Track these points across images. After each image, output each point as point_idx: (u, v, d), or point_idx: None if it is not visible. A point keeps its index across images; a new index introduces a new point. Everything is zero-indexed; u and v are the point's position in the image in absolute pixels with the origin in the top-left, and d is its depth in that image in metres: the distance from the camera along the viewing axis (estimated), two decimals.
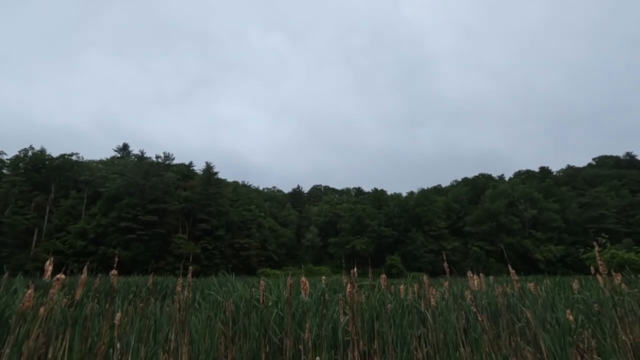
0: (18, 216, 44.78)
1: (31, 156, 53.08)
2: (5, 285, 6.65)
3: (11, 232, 43.16)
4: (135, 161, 58.56)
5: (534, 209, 61.66)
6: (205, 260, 48.97)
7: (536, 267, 52.12)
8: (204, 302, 6.63)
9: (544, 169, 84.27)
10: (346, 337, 4.15)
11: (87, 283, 4.17)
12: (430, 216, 64.72)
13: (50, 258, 3.28)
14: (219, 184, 61.17)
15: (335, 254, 63.02)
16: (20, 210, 46.06)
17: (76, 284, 4.07)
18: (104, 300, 6.37)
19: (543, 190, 66.91)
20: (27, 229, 45.28)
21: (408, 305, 5.62)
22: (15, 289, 7.17)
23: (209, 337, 4.46)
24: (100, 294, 6.62)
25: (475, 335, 4.05)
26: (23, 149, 53.22)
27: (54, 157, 54.51)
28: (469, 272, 4.00)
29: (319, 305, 5.66)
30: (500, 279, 10.15)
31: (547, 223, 60.93)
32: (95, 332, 4.35)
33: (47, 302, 3.69)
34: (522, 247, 57.03)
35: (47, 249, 42.06)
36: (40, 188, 50.54)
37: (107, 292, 7.60)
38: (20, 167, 52.14)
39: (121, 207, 47.84)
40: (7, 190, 45.50)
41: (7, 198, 45.24)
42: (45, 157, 53.85)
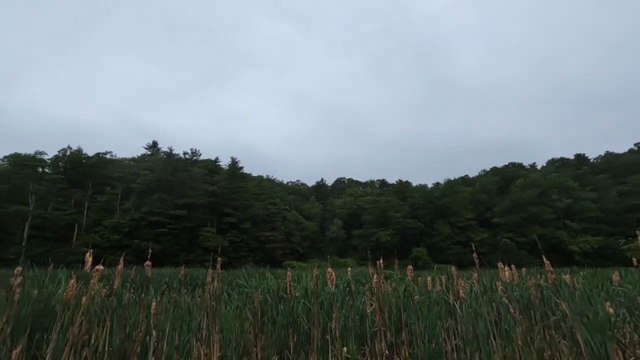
0: (59, 212, 47.59)
1: (69, 155, 56.06)
2: (50, 277, 7.12)
3: (53, 228, 46.01)
4: (164, 158, 60.62)
5: (568, 198, 58.78)
6: (233, 253, 50.23)
7: (571, 258, 49.86)
8: (233, 292, 6.82)
9: (579, 156, 79.86)
10: (373, 328, 4.16)
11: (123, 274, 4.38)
12: (456, 207, 63.18)
13: (89, 250, 3.48)
14: (244, 178, 62.35)
15: (360, 246, 62.92)
16: (60, 206, 48.91)
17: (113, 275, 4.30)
18: (139, 291, 6.68)
19: (578, 179, 63.52)
20: (68, 224, 48.05)
21: (435, 297, 5.54)
22: (59, 280, 7.65)
23: (238, 326, 4.58)
24: (136, 285, 6.95)
25: (506, 327, 3.95)
26: (62, 149, 56.28)
27: (89, 156, 57.35)
28: (499, 264, 3.88)
29: (344, 297, 5.69)
30: (532, 270, 9.80)
31: (582, 213, 57.95)
32: (132, 320, 4.57)
33: (88, 292, 3.92)
34: (556, 239, 54.65)
35: (86, 242, 44.50)
36: (78, 185, 53.38)
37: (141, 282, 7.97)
38: (60, 165, 55.21)
39: (152, 202, 49.78)
40: (49, 189, 48.40)
41: (49, 196, 48.14)
42: (82, 156, 56.73)
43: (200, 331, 4.17)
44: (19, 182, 46.21)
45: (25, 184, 46.53)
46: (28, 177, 47.53)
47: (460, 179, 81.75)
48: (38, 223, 44.97)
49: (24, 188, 46.24)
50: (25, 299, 5.25)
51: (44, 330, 4.70)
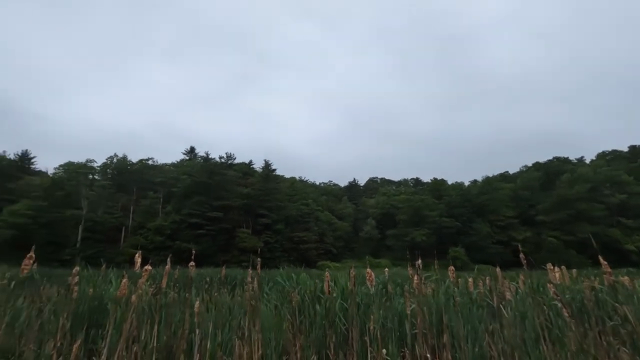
0: (108, 216, 50.99)
1: (116, 162, 59.93)
2: (102, 276, 7.63)
3: (103, 230, 49.35)
4: (201, 162, 63.09)
5: (622, 193, 54.30)
6: (267, 253, 51.20)
7: (627, 258, 46.07)
8: (271, 292, 6.95)
9: (634, 148, 73.53)
10: (413, 330, 4.07)
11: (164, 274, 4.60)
12: (496, 205, 60.36)
13: (138, 252, 3.69)
14: (277, 180, 63.43)
15: (394, 246, 61.86)
16: (109, 210, 52.37)
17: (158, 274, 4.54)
18: (182, 290, 6.99)
19: (633, 172, 58.49)
20: (116, 227, 51.31)
21: (477, 299, 5.33)
22: (110, 279, 8.17)
23: (277, 325, 4.66)
24: (179, 284, 7.27)
25: (558, 332, 3.71)
26: (109, 157, 60.40)
27: (134, 162, 60.99)
28: (549, 264, 3.65)
29: (381, 297, 5.61)
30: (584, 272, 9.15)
31: (639, 209, 53.33)
32: (177, 319, 4.78)
33: (137, 290, 4.16)
34: (608, 237, 50.63)
35: (132, 244, 47.25)
36: (124, 190, 56.89)
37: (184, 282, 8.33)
38: (108, 172, 59.16)
39: (191, 205, 51.94)
40: (99, 194, 52.01)
41: (100, 200, 51.70)
42: (127, 163, 60.51)
43: (240, 330, 4.29)
44: (73, 189, 50.04)
45: (79, 190, 50.27)
46: (81, 183, 51.35)
47: (500, 175, 78.01)
48: (90, 226, 48.42)
49: (78, 194, 49.97)
50: (82, 297, 5.66)
51: (98, 326, 5.01)
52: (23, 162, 60.76)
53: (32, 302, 5.82)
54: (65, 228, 47.16)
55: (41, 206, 45.93)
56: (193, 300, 4.94)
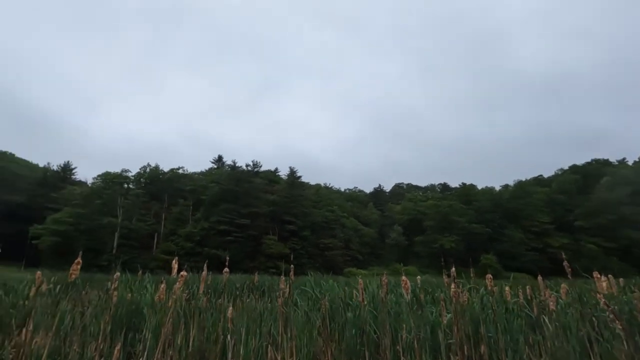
0: (141, 223, 53.13)
1: (149, 172, 62.52)
2: (139, 281, 7.95)
3: (137, 237, 51.44)
4: (228, 170, 64.66)
5: None
6: (294, 260, 51.15)
7: None
8: (299, 299, 6.96)
9: None
10: (448, 340, 3.94)
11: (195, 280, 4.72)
12: (530, 210, 57.71)
13: (175, 258, 3.82)
14: (302, 187, 63.86)
15: (422, 253, 60.42)
16: (143, 218, 54.57)
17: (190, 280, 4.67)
18: (213, 295, 7.14)
19: None
20: (149, 234, 53.35)
21: (514, 309, 5.10)
22: (146, 285, 8.49)
23: (308, 332, 4.65)
24: (211, 290, 7.44)
25: (607, 345, 3.48)
26: (142, 166, 63.05)
27: (165, 172, 63.39)
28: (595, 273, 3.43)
29: (413, 305, 5.49)
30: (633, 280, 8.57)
31: None
32: (209, 324, 4.88)
33: (173, 295, 4.29)
34: None
35: (164, 250, 48.91)
36: (156, 198, 59.16)
37: (215, 288, 8.50)
38: (141, 181, 61.79)
39: (219, 212, 53.20)
40: (133, 202, 54.37)
41: (134, 208, 54.02)
42: (159, 172, 62.97)
43: (271, 336, 4.32)
44: (109, 197, 52.60)
45: (115, 199, 52.78)
46: (117, 192, 53.92)
47: (533, 179, 74.66)
48: (125, 233, 50.60)
49: (114, 202, 52.47)
50: (121, 301, 5.91)
51: (135, 330, 5.19)
52: (65, 173, 64.63)
53: (75, 306, 6.13)
54: (103, 235, 49.55)
55: (81, 214, 48.57)
56: (225, 305, 5.04)
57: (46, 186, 56.55)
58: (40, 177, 59.85)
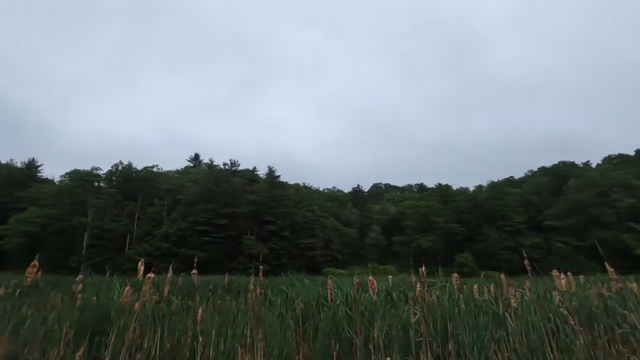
0: (114, 223, 51.35)
1: (121, 170, 60.45)
2: (106, 284, 7.67)
3: (110, 238, 49.69)
4: (206, 169, 63.50)
5: (631, 198, 53.39)
6: (274, 260, 51.07)
7: (638, 264, 45.13)
8: (275, 299, 6.91)
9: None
10: (418, 338, 4.01)
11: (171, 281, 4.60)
12: (504, 210, 59.65)
13: (141, 259, 3.69)
14: (282, 187, 63.50)
15: (401, 253, 61.33)
16: (115, 218, 52.74)
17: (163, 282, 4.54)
18: (186, 298, 6.98)
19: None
20: (122, 235, 51.63)
21: (483, 307, 5.25)
22: (114, 287, 8.20)
23: (281, 333, 4.62)
24: (183, 292, 7.27)
25: (566, 340, 3.63)
26: (114, 164, 60.84)
27: (139, 170, 61.46)
28: (554, 271, 3.59)
29: (386, 305, 5.55)
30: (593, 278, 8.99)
31: None
32: (180, 327, 4.77)
33: (140, 298, 4.16)
34: (620, 242, 49.72)
35: (138, 251, 47.48)
36: (129, 197, 57.30)
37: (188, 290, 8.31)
38: (113, 180, 59.67)
39: (197, 212, 52.15)
40: (105, 202, 52.46)
41: (106, 208, 52.14)
42: (132, 170, 60.96)
43: (244, 338, 4.26)
44: (79, 197, 50.55)
45: (85, 198, 50.78)
46: (87, 191, 51.89)
47: (505, 180, 77.23)
48: (97, 233, 48.78)
49: (84, 202, 50.47)
50: (86, 304, 5.68)
51: (102, 334, 5.01)
52: (30, 170, 61.65)
53: (36, 310, 5.85)
54: (73, 236, 47.58)
55: (50, 214, 46.46)
56: (196, 307, 4.93)
57: (10, 184, 53.74)
58: (4, 174, 56.80)
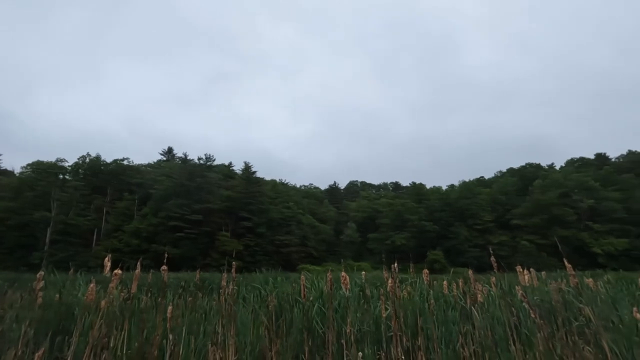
0: (81, 218, 49.08)
1: (89, 162, 57.79)
2: (71, 281, 7.34)
3: (76, 233, 47.47)
4: (180, 164, 61.79)
5: (590, 199, 56.80)
6: (248, 257, 50.58)
7: (595, 261, 48.11)
8: (249, 296, 6.85)
9: (600, 156, 77.31)
10: (389, 333, 4.10)
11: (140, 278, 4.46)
12: (474, 209, 61.91)
13: (107, 255, 3.56)
14: (259, 183, 62.84)
15: (375, 250, 62.34)
16: (82, 212, 50.42)
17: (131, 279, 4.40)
18: (156, 295, 6.80)
19: (601, 179, 61.35)
20: (89, 230, 49.47)
21: (452, 302, 5.43)
22: (80, 284, 7.86)
23: (254, 330, 4.60)
24: (154, 289, 7.08)
25: (527, 333, 3.82)
26: (81, 156, 58.08)
27: (108, 163, 58.98)
28: (518, 267, 3.76)
29: (359, 300, 5.63)
30: (553, 274, 9.50)
31: (606, 214, 55.84)
32: (150, 324, 4.64)
33: (107, 296, 4.01)
34: (579, 241, 52.84)
35: (107, 247, 45.67)
36: (98, 191, 54.93)
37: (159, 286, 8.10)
38: (80, 172, 56.97)
39: (169, 208, 50.73)
40: (70, 195, 50.01)
41: (71, 202, 49.72)
42: (100, 163, 58.42)
43: (216, 335, 4.21)
44: (42, 189, 47.91)
45: (49, 191, 48.20)
46: (51, 184, 49.26)
47: (476, 180, 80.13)
48: (61, 229, 46.47)
49: (48, 195, 47.91)
50: (48, 303, 5.42)
51: (65, 334, 4.81)
52: None
53: None
54: (34, 230, 45.10)
55: (9, 207, 43.82)
56: (167, 305, 4.81)
57: None
58: None
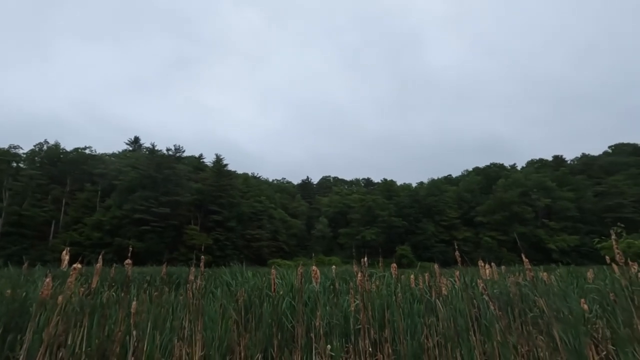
0: (36, 209, 46.09)
1: (46, 150, 54.27)
2: (25, 275, 6.89)
3: (30, 225, 44.55)
4: (147, 154, 59.38)
5: (547, 198, 60.58)
6: (218, 251, 49.72)
7: (549, 257, 51.47)
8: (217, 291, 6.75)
9: (557, 158, 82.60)
10: (357, 326, 4.19)
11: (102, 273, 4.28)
12: (441, 206, 64.24)
13: (66, 248, 3.37)
14: (230, 176, 61.70)
15: (346, 245, 63.23)
16: (38, 203, 47.36)
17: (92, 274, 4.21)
18: (119, 290, 6.54)
19: (557, 179, 65.59)
20: (45, 221, 46.60)
21: (418, 295, 5.62)
22: (35, 279, 7.41)
23: (223, 325, 4.54)
24: (117, 284, 6.80)
25: (486, 324, 4.04)
26: (38, 143, 54.49)
27: (68, 151, 55.65)
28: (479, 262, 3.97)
29: (329, 294, 5.70)
30: (512, 268, 10.07)
31: (561, 212, 59.87)
32: (112, 320, 4.47)
33: (65, 291, 3.81)
34: (536, 237, 56.29)
35: (65, 240, 43.27)
36: (56, 181, 51.77)
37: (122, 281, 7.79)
38: (36, 161, 53.42)
39: (135, 200, 48.74)
40: (25, 184, 46.79)
41: (26, 191, 46.54)
42: (59, 151, 55.02)
43: (182, 330, 4.12)
44: None
45: (1, 179, 44.90)
46: (3, 172, 45.88)
47: (444, 178, 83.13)
48: (14, 220, 43.48)
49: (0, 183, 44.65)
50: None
51: (18, 331, 4.54)
52: None
53: None
54: None
55: None
56: (131, 300, 4.65)
57: None
58: None
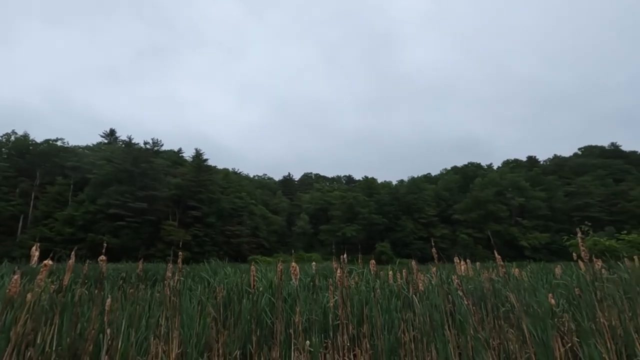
0: (3, 203, 43.89)
1: (14, 141, 51.70)
2: None
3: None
4: (123, 147, 57.52)
5: (521, 197, 62.85)
6: (196, 247, 48.89)
7: (522, 253, 53.46)
8: (196, 288, 6.65)
9: (531, 158, 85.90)
10: (336, 321, 4.24)
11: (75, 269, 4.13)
12: (420, 204, 65.51)
13: (36, 244, 3.24)
14: (210, 171, 60.65)
15: (326, 241, 63.52)
16: (4, 196, 45.11)
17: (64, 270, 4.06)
18: (93, 287, 6.34)
19: (530, 179, 68.14)
20: (13, 216, 44.47)
21: (396, 291, 5.73)
22: (2, 275, 7.08)
23: (201, 322, 4.49)
24: (90, 281, 6.59)
25: (460, 318, 4.17)
26: (5, 134, 51.81)
27: (38, 143, 53.20)
28: (455, 258, 4.08)
29: (309, 291, 5.73)
30: (487, 265, 10.41)
31: (533, 211, 62.27)
32: (85, 318, 4.34)
33: (34, 288, 3.66)
34: (509, 235, 58.32)
35: (34, 235, 41.43)
36: (25, 174, 49.42)
37: (96, 278, 7.56)
38: (3, 152, 50.82)
39: (110, 194, 47.19)
40: None
41: None
42: (29, 142, 52.52)
43: (159, 327, 4.04)
44: None
45: None
46: None
47: (424, 176, 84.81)
48: None
49: None
50: None
51: None
52: None
53: None
54: None
55: None
56: (105, 297, 4.52)
57: None
58: None
